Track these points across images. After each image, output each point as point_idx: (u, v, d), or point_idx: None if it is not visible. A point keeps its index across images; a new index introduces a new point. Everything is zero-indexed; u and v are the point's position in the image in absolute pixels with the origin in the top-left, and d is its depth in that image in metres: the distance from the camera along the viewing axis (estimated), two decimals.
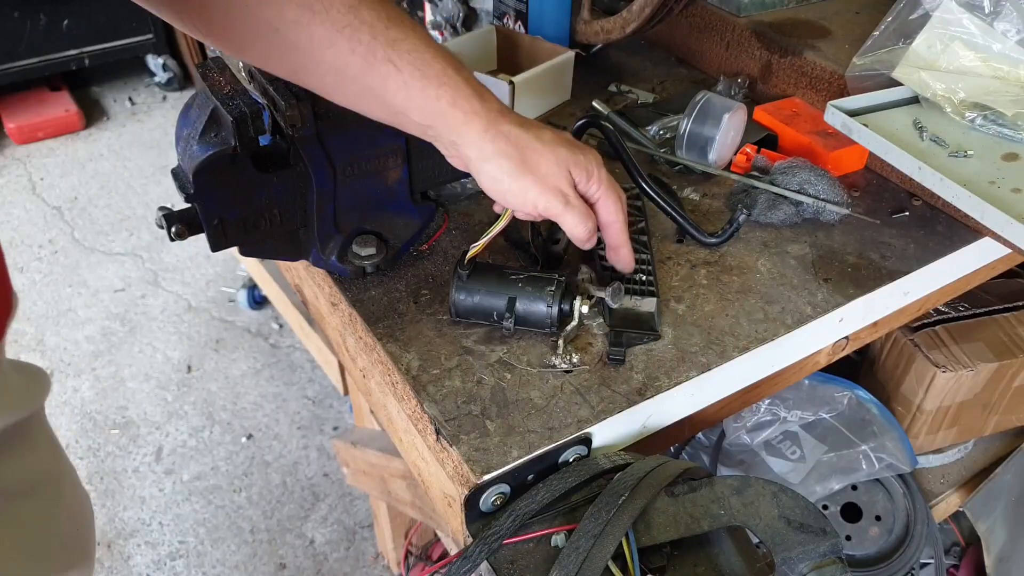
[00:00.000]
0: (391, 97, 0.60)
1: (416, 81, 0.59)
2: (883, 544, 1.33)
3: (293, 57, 0.58)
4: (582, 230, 0.67)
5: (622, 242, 0.72)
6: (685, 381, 0.71)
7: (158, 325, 2.37)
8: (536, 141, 0.64)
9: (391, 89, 0.59)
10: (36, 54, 3.08)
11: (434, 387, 0.69)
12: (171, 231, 0.69)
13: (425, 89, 0.60)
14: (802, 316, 0.78)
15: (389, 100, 0.60)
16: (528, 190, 0.64)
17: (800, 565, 0.57)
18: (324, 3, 0.56)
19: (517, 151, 0.63)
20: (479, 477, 0.61)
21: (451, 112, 0.61)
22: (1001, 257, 0.95)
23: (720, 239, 0.84)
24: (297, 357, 2.28)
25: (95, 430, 2.07)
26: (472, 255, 0.72)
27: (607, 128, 0.84)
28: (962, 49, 0.88)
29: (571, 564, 0.55)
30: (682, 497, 0.60)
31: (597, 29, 1.12)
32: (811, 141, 0.96)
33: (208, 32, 0.59)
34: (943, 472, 1.49)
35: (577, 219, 0.66)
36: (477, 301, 0.72)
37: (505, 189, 0.64)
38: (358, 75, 0.58)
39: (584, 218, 0.67)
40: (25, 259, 2.60)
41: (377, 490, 1.48)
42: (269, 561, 1.80)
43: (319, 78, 0.60)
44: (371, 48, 0.57)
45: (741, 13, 1.13)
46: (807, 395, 1.27)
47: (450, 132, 0.62)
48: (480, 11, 1.25)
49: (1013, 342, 1.29)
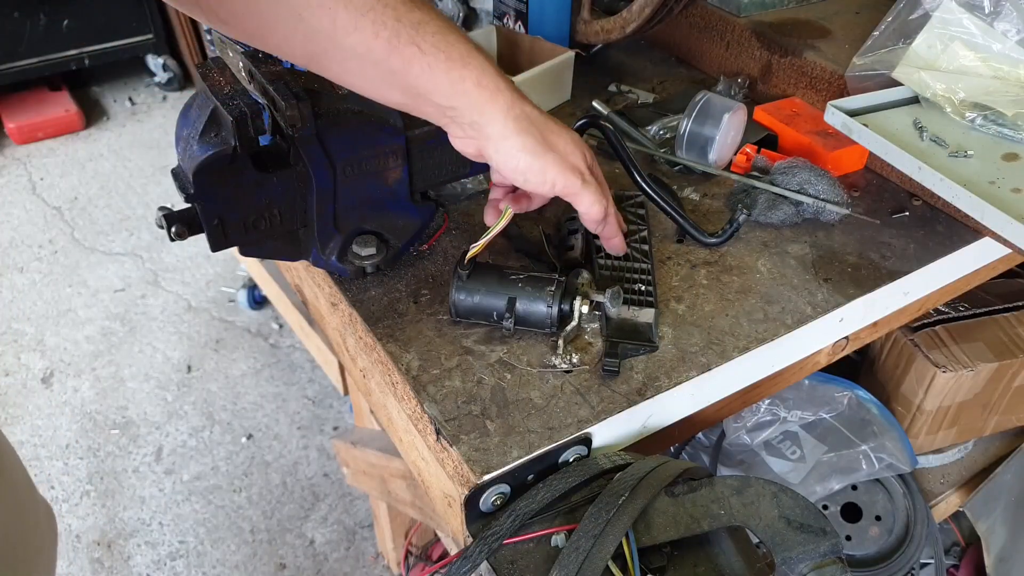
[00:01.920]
0: (414, 80, 0.60)
1: (441, 63, 0.60)
2: (883, 544, 1.33)
3: (316, 42, 0.58)
4: (598, 209, 0.69)
5: (614, 232, 0.75)
6: (685, 381, 0.71)
7: (158, 325, 2.37)
8: (553, 123, 0.66)
9: (414, 72, 0.60)
10: (36, 54, 3.08)
11: (434, 387, 0.69)
12: (171, 231, 0.69)
13: (450, 71, 0.60)
14: (802, 316, 0.78)
15: (412, 83, 0.60)
16: (548, 168, 0.65)
17: (800, 565, 0.57)
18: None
19: (537, 130, 0.65)
20: (479, 477, 0.61)
21: (476, 92, 0.62)
22: (1001, 257, 0.95)
23: (720, 239, 0.84)
24: (297, 357, 2.28)
25: (95, 430, 2.07)
26: (472, 255, 0.72)
27: (607, 128, 0.84)
28: (962, 49, 0.88)
29: (571, 564, 0.55)
30: (682, 497, 0.60)
31: (597, 29, 1.12)
32: (811, 141, 0.96)
33: (227, 20, 0.58)
34: (943, 472, 1.49)
35: (595, 197, 0.68)
36: (477, 301, 0.72)
37: (525, 167, 0.65)
38: (381, 59, 0.58)
39: (600, 196, 0.69)
40: (25, 259, 2.60)
41: (377, 490, 1.48)
42: (269, 561, 1.80)
43: (340, 63, 0.60)
44: (396, 31, 0.58)
45: (741, 13, 1.13)
46: (807, 395, 1.27)
47: (472, 112, 0.63)
48: (480, 11, 1.26)
49: (1013, 342, 1.29)
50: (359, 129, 0.72)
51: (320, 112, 0.69)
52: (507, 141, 0.64)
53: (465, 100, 0.62)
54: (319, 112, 0.69)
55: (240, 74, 0.72)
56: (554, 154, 0.65)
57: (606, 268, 0.80)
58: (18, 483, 0.71)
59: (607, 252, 0.80)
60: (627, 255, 0.82)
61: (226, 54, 0.93)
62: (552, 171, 0.66)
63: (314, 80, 0.72)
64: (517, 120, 0.64)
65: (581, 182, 0.67)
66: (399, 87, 0.61)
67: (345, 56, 0.59)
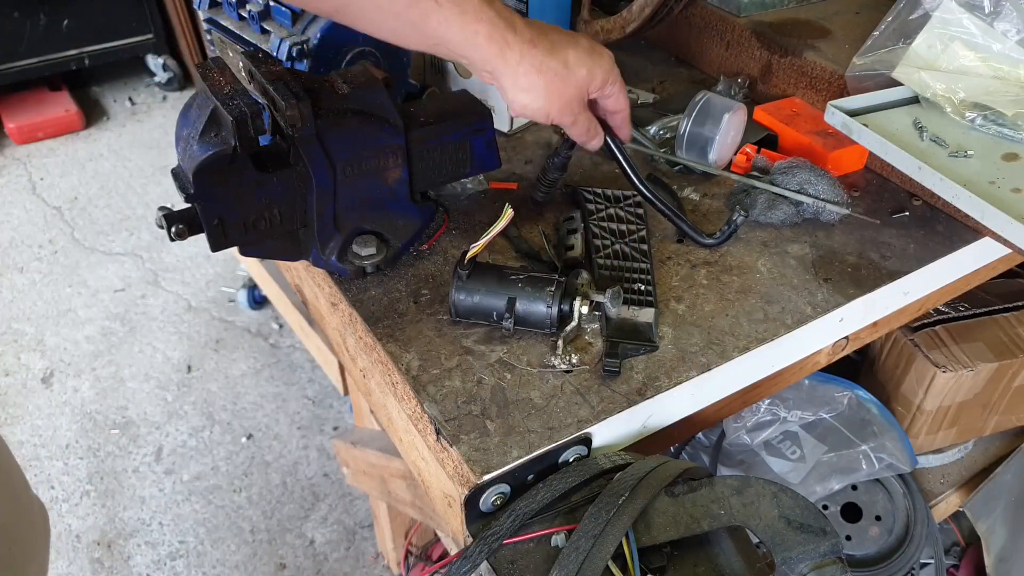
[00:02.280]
0: (432, 30, 0.66)
1: (456, 17, 0.66)
2: (883, 544, 1.33)
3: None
4: (584, 138, 0.79)
5: (624, 122, 0.83)
6: (685, 381, 0.71)
7: (158, 325, 2.37)
8: (562, 67, 0.72)
9: (432, 24, 0.66)
10: (36, 54, 3.08)
11: (434, 387, 0.69)
12: (171, 231, 0.69)
13: (464, 25, 0.66)
14: (802, 316, 0.78)
15: (430, 32, 0.67)
16: (549, 108, 0.74)
17: (800, 565, 0.57)
18: None
19: (544, 79, 0.71)
20: (479, 477, 0.61)
21: (487, 46, 0.68)
22: (1001, 257, 0.95)
23: (718, 240, 0.84)
24: (297, 357, 2.28)
25: (95, 430, 2.07)
26: (472, 255, 0.72)
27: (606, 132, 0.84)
28: (962, 49, 0.88)
29: (571, 564, 0.55)
30: (682, 497, 0.60)
31: (597, 29, 1.12)
32: (811, 141, 0.96)
33: None
34: (943, 472, 1.49)
35: (580, 131, 0.78)
36: (477, 301, 0.72)
37: (531, 111, 0.73)
38: (401, 11, 0.65)
39: (585, 130, 0.78)
40: (25, 259, 2.60)
41: (377, 490, 1.48)
42: (269, 561, 1.80)
43: (362, 13, 0.67)
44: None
45: (741, 13, 1.13)
46: (807, 395, 1.27)
47: (485, 63, 0.69)
48: None
49: (1013, 342, 1.29)
50: (359, 129, 0.72)
51: (320, 112, 0.69)
52: (519, 93, 0.72)
53: (478, 53, 0.68)
54: (319, 112, 0.69)
55: (240, 74, 0.72)
56: (556, 100, 0.73)
57: (606, 268, 0.80)
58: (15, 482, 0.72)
59: (606, 252, 0.80)
60: (626, 255, 0.82)
61: (226, 54, 0.94)
62: (553, 111, 0.74)
63: (314, 80, 0.73)
64: (527, 75, 0.70)
65: (571, 119, 0.76)
66: (418, 35, 0.68)
67: (368, 6, 0.66)
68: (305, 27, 0.86)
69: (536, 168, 0.98)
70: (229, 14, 0.94)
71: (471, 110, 0.82)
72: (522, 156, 1.01)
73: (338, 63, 0.89)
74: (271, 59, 0.74)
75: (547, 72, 0.71)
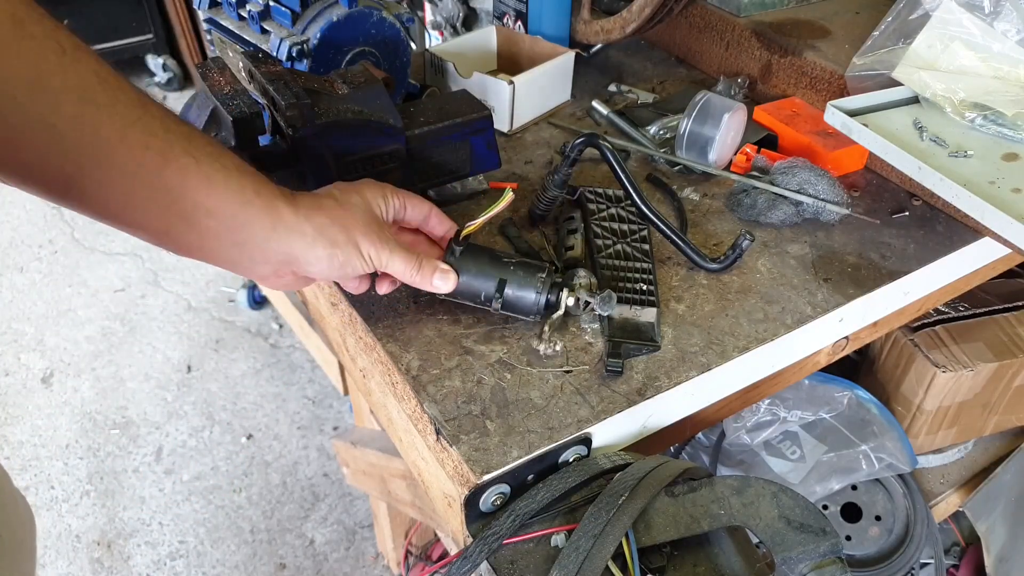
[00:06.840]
0: (192, 193, 0.54)
1: (218, 173, 0.55)
2: (883, 544, 1.33)
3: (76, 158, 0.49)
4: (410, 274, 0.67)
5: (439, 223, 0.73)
6: (685, 381, 0.71)
7: (158, 325, 2.37)
8: (337, 205, 0.63)
9: (191, 185, 0.54)
10: None
11: (434, 387, 0.69)
12: None
13: (228, 180, 0.55)
14: (802, 316, 0.78)
15: (189, 196, 0.54)
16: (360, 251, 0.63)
17: (800, 565, 0.57)
18: (108, 96, 0.50)
19: (332, 220, 0.61)
20: (479, 477, 0.61)
21: (256, 200, 0.57)
22: (1001, 257, 0.96)
23: (722, 265, 0.82)
24: (297, 357, 2.28)
25: (95, 430, 2.07)
26: (468, 232, 0.71)
27: (605, 148, 0.81)
28: (962, 49, 0.88)
29: (571, 564, 0.55)
30: (682, 497, 0.60)
31: (597, 29, 1.12)
32: (811, 141, 0.96)
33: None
34: (943, 472, 1.49)
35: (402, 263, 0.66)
36: (467, 280, 0.71)
37: (341, 262, 0.62)
38: (153, 173, 0.52)
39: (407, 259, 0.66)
40: (25, 259, 2.60)
41: (377, 490, 1.48)
42: (269, 561, 1.80)
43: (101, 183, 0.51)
44: (168, 141, 0.52)
45: (741, 13, 1.13)
46: (807, 395, 1.27)
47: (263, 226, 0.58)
48: (480, 11, 1.26)
49: (1013, 342, 1.29)
50: (359, 129, 0.72)
51: (320, 112, 0.69)
52: (314, 248, 0.61)
53: (247, 212, 0.57)
54: (319, 112, 0.69)
55: (240, 74, 0.73)
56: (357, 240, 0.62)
57: (607, 268, 0.80)
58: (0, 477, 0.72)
59: (608, 252, 0.79)
60: (628, 255, 0.82)
61: (226, 54, 0.94)
62: (355, 262, 0.63)
63: (314, 80, 0.73)
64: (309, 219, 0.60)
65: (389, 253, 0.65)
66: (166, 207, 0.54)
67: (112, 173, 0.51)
68: (305, 27, 0.86)
69: (536, 168, 0.99)
70: (229, 14, 0.94)
71: (471, 110, 0.82)
72: (522, 156, 1.01)
73: (338, 63, 0.89)
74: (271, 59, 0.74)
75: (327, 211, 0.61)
